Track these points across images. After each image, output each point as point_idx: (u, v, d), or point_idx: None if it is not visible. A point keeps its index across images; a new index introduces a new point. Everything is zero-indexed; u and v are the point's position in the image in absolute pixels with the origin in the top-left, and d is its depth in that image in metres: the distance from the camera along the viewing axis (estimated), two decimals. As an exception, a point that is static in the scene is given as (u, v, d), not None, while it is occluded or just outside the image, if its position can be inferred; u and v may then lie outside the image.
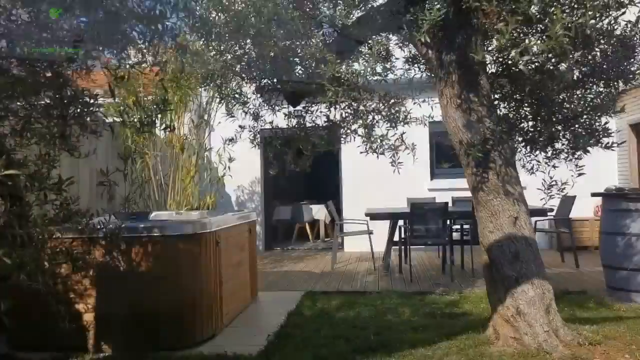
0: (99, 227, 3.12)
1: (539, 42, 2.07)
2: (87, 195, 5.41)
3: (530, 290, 3.17)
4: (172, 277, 3.89)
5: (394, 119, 3.57)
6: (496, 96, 3.54)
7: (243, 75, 3.52)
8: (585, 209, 8.22)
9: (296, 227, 10.62)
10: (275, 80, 3.50)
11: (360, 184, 9.11)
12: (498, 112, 3.43)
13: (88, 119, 2.34)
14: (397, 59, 3.63)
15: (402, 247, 6.77)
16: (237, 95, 3.55)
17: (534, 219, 7.31)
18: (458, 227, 6.92)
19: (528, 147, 3.45)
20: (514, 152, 3.37)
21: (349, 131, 3.85)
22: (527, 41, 2.09)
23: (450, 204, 7.65)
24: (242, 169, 9.06)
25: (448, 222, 6.29)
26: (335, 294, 5.64)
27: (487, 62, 3.27)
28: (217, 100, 6.36)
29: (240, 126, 3.79)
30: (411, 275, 6.20)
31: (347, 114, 3.75)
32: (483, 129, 3.08)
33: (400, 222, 6.95)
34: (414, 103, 3.73)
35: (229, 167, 6.57)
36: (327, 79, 3.12)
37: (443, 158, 9.46)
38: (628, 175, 8.42)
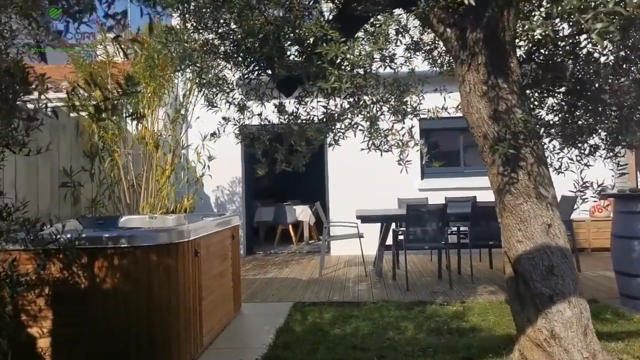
0: (52, 237, 2.52)
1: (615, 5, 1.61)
2: (47, 199, 4.78)
3: (567, 310, 2.71)
4: (143, 295, 3.33)
5: (402, 110, 3.08)
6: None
7: (227, 57, 2.98)
8: (581, 209, 7.92)
9: (279, 229, 10.09)
10: (265, 63, 2.97)
11: (347, 183, 8.63)
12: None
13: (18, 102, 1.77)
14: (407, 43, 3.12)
15: (395, 251, 6.30)
16: (219, 82, 3.00)
17: None
18: (454, 229, 6.50)
19: (557, 143, 3.00)
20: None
21: (348, 125, 3.35)
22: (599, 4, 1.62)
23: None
24: (222, 168, 8.49)
25: (445, 225, 5.84)
26: (326, 305, 5.14)
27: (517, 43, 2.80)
28: (196, 92, 5.80)
29: (223, 118, 3.25)
30: (407, 283, 5.73)
31: (348, 105, 3.24)
32: (514, 121, 2.61)
33: (393, 225, 6.50)
34: (420, 93, 3.23)
35: (208, 167, 5.99)
36: (328, 61, 2.61)
37: (434, 157, 9.05)
38: (627, 175, 8.13)
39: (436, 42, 4.02)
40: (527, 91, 3.02)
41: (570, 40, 2.83)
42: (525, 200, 2.75)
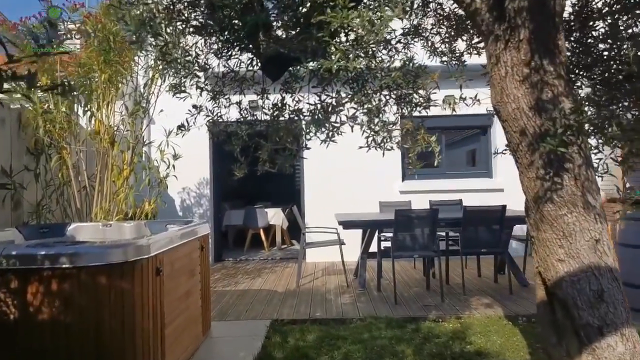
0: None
1: None
2: (-23, 203, 4.01)
3: (619, 345, 2.22)
4: (89, 327, 2.66)
5: (411, 101, 2.53)
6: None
7: (198, 29, 2.35)
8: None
9: (249, 233, 9.42)
10: (246, 37, 2.35)
11: (324, 184, 8.06)
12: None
13: None
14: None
15: (379, 260, 5.76)
16: (188, 61, 2.37)
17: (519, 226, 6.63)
18: (441, 235, 6.03)
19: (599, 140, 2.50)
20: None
21: (347, 118, 2.77)
22: None
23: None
24: (189, 168, 7.78)
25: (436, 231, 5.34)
26: (308, 323, 4.56)
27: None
28: (159, 82, 5.10)
29: (194, 106, 2.62)
30: (396, 296, 5.20)
31: (346, 94, 2.66)
32: (562, 112, 2.09)
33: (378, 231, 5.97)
34: (435, 80, 2.69)
35: (173, 166, 5.30)
36: (330, 33, 2.03)
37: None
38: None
39: (441, 24, 3.50)
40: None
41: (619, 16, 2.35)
42: (570, 211, 2.24)
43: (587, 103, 2.23)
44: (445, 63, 3.58)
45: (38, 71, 5.05)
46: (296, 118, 2.73)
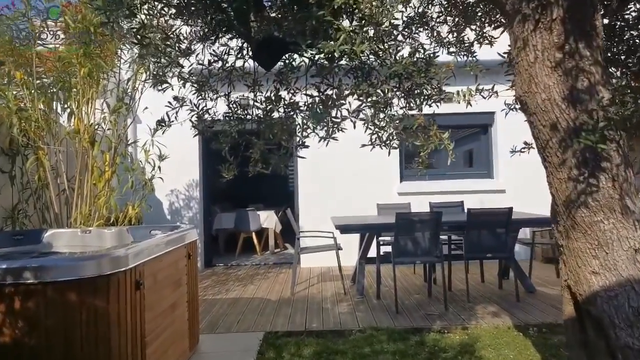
0: None
1: None
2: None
3: (664, 370, 1.94)
4: (58, 350, 2.34)
5: (421, 93, 2.24)
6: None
7: (180, 9, 2.05)
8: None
9: (240, 237, 9.10)
10: (236, 18, 2.05)
11: (318, 186, 7.76)
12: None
13: None
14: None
15: (378, 265, 5.47)
16: (169, 45, 2.06)
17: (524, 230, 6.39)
18: (444, 239, 5.75)
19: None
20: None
21: (346, 113, 2.47)
22: None
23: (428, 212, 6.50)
24: (177, 169, 7.46)
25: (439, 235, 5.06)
26: (304, 335, 4.25)
27: None
28: (143, 76, 4.77)
29: (175, 98, 2.31)
30: (397, 304, 4.91)
31: (349, 86, 2.36)
32: (601, 104, 1.81)
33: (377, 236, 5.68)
34: (449, 70, 2.40)
35: (159, 168, 4.97)
36: (332, 11, 1.74)
37: (412, 158, 8.32)
38: None
39: (448, 12, 3.21)
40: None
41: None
42: (607, 217, 1.95)
43: (629, 92, 1.94)
44: (453, 54, 3.30)
45: (13, 66, 4.71)
46: (292, 113, 2.43)
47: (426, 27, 3.34)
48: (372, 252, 5.67)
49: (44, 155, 4.53)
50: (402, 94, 2.31)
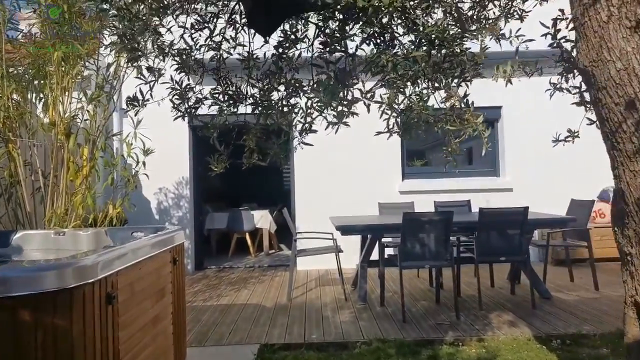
0: None
1: None
2: None
3: None
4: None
5: (460, 64, 1.83)
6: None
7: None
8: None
9: (234, 238, 8.67)
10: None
11: (316, 183, 7.33)
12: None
13: None
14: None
15: (382, 270, 5.06)
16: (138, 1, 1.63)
17: (536, 231, 5.96)
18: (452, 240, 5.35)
19: None
20: None
21: (359, 94, 2.05)
22: None
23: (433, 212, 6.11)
24: (166, 166, 7.02)
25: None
26: (304, 348, 3.84)
27: None
28: (125, 61, 4.32)
29: (148, 69, 1.87)
30: (404, 312, 4.50)
31: (365, 58, 1.94)
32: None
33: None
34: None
35: (143, 163, 4.53)
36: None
37: (414, 155, 7.94)
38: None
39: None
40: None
41: None
42: (696, 218, 1.55)
43: None
44: (475, 35, 2.88)
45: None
46: (294, 93, 2.00)
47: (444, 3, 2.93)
48: (373, 255, 5.27)
49: (14, 149, 4.08)
50: (430, 68, 1.90)
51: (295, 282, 6.23)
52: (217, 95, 1.98)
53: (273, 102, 2.02)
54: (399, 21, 1.76)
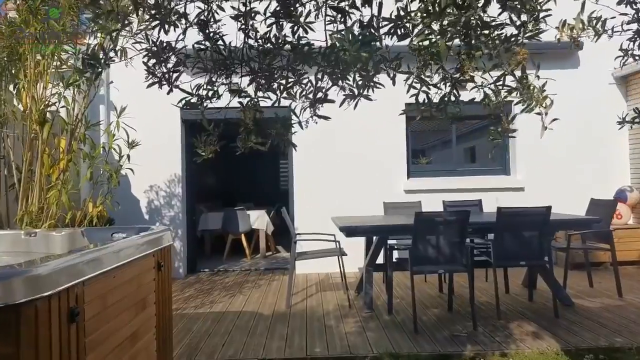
0: None
1: None
2: None
3: None
4: None
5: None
6: None
7: None
8: (597, 215, 6.60)
9: (228, 239, 8.23)
10: None
11: (316, 182, 6.90)
12: None
13: None
14: None
15: (390, 274, 4.65)
16: None
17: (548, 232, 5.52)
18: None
19: None
20: None
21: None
22: None
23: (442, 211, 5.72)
24: (156, 161, 6.59)
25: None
26: (306, 364, 3.42)
27: None
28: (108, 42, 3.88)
29: (110, 11, 1.44)
30: (415, 322, 4.08)
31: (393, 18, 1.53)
32: None
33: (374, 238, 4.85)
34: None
35: (128, 156, 4.09)
36: None
37: (420, 152, 7.54)
38: (648, 174, 6.91)
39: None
40: None
41: None
42: None
43: None
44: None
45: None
46: (305, 52, 1.58)
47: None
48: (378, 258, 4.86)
49: (-17, 139, 3.64)
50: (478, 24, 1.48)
51: (295, 287, 5.81)
52: (203, 54, 1.56)
53: (275, 70, 1.61)
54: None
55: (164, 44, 1.58)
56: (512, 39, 1.51)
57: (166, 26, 1.45)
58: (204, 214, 8.24)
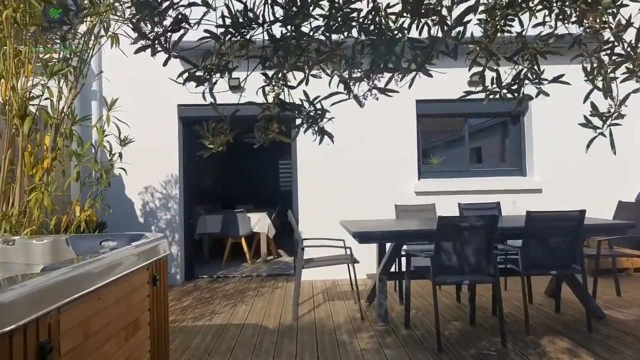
0: None
1: None
2: None
3: None
4: None
5: None
6: None
7: None
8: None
9: (228, 243, 7.84)
10: None
11: (321, 183, 6.52)
12: None
13: None
14: None
15: (407, 284, 4.26)
16: None
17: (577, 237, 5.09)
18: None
19: None
20: None
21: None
22: None
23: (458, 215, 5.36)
24: (152, 162, 6.20)
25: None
26: (320, 388, 3.03)
27: None
28: (98, 26, 3.48)
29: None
30: (439, 340, 3.69)
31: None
32: None
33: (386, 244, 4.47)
34: None
35: (119, 155, 3.70)
36: None
37: (430, 151, 7.16)
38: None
39: None
40: None
41: None
42: None
43: None
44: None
45: None
46: (342, 25, 1.19)
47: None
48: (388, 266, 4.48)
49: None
50: None
51: (300, 295, 5.41)
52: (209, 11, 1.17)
53: (304, 41, 1.22)
54: None
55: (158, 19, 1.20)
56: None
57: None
58: (202, 216, 7.85)
